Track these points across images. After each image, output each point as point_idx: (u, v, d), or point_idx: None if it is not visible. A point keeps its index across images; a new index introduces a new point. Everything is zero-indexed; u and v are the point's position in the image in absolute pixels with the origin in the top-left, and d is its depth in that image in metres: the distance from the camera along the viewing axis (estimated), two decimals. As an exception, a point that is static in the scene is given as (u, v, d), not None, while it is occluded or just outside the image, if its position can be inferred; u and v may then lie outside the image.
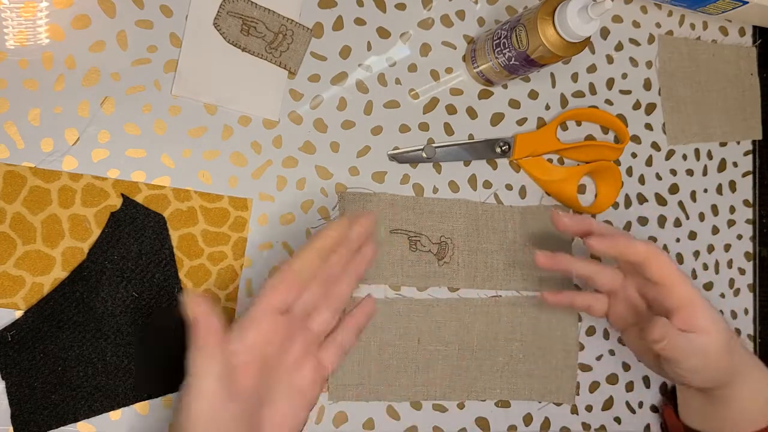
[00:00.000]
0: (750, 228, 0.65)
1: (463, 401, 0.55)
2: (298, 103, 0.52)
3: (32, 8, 0.47)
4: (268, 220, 0.51)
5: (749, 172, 0.66)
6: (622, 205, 0.61)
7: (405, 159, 0.54)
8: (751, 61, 0.67)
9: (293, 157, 0.52)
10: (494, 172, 0.57)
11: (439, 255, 0.54)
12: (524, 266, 0.57)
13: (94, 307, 0.46)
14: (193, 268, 0.49)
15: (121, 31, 0.49)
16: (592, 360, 0.58)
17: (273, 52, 0.51)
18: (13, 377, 0.45)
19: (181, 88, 0.49)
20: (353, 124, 0.54)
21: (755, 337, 0.64)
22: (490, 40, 0.52)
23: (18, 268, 0.46)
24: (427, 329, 0.54)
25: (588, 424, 0.58)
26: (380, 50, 0.55)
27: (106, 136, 0.48)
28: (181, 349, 0.39)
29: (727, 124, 0.65)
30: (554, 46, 0.47)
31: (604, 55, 0.61)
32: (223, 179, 0.50)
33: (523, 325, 0.56)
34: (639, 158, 0.62)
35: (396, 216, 0.54)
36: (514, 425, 0.56)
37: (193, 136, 0.50)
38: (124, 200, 0.48)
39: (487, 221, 0.56)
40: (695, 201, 0.63)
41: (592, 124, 0.60)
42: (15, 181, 0.46)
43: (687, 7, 0.63)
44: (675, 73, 0.63)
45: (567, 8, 0.45)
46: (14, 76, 0.46)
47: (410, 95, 0.55)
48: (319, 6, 0.53)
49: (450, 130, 0.56)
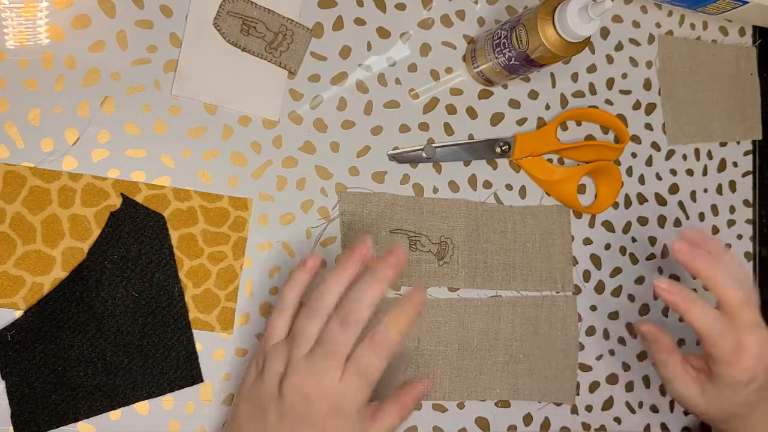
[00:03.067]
0: (750, 228, 0.65)
1: (463, 401, 0.55)
2: (298, 103, 0.52)
3: (32, 8, 0.47)
4: (268, 220, 0.51)
5: (749, 172, 0.66)
6: (622, 205, 0.61)
7: (405, 159, 0.54)
8: (751, 61, 0.67)
9: (293, 157, 0.52)
10: (494, 172, 0.57)
11: (439, 255, 0.54)
12: (524, 266, 0.57)
13: (94, 307, 0.46)
14: (193, 268, 0.49)
15: (121, 31, 0.49)
16: (592, 360, 0.58)
17: (273, 52, 0.51)
18: (13, 377, 0.45)
19: (181, 88, 0.49)
20: (353, 124, 0.54)
21: (755, 337, 0.64)
22: (490, 40, 0.52)
23: (18, 268, 0.46)
24: (426, 329, 0.54)
25: (588, 424, 0.58)
26: (380, 50, 0.55)
27: (106, 136, 0.48)
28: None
29: (727, 124, 0.65)
30: (554, 46, 0.47)
31: (604, 55, 0.61)
32: (223, 179, 0.50)
33: (523, 325, 0.56)
34: (639, 158, 0.62)
35: (396, 216, 0.54)
36: (514, 425, 0.56)
37: (193, 136, 0.50)
38: (124, 200, 0.48)
39: (487, 221, 0.56)
40: (695, 201, 0.63)
41: (592, 124, 0.60)
42: (15, 181, 0.46)
43: (687, 7, 0.63)
44: (675, 73, 0.63)
45: (567, 8, 0.45)
46: (14, 76, 0.46)
47: (410, 95, 0.55)
48: (319, 6, 0.53)
49: (450, 130, 0.56)
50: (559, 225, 0.58)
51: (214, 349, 0.49)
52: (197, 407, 0.48)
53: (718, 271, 0.46)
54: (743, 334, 0.45)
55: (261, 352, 0.43)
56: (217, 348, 0.49)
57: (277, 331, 0.43)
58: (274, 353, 0.42)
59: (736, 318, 0.45)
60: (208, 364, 0.49)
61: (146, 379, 0.47)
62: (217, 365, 0.49)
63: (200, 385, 0.49)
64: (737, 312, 0.45)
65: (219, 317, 0.49)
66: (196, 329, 0.49)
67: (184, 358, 0.48)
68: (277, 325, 0.43)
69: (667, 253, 0.62)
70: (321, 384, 0.39)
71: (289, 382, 0.40)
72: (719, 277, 0.45)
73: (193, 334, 0.48)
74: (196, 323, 0.49)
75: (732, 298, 0.45)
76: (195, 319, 0.49)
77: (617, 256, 0.60)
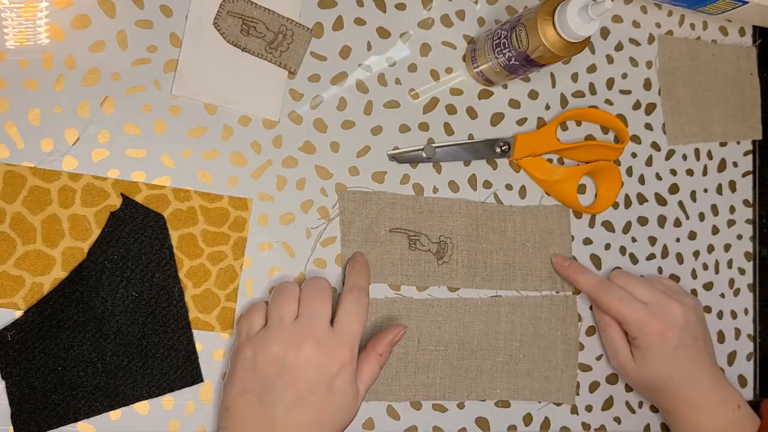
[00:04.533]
0: (750, 228, 0.65)
1: (463, 401, 0.55)
2: (298, 103, 0.52)
3: (32, 8, 0.47)
4: (268, 220, 0.51)
5: (749, 172, 0.66)
6: (622, 205, 0.61)
7: (405, 159, 0.54)
8: (751, 61, 0.67)
9: (293, 157, 0.52)
10: (494, 172, 0.57)
11: (439, 254, 0.54)
12: (524, 266, 0.57)
13: (94, 307, 0.46)
14: (193, 268, 0.49)
15: (121, 31, 0.49)
16: (592, 360, 0.58)
17: (273, 52, 0.51)
18: (13, 377, 0.45)
19: (181, 88, 0.49)
20: (353, 124, 0.54)
21: (755, 337, 0.64)
22: (490, 40, 0.52)
23: (18, 268, 0.46)
24: (426, 329, 0.54)
25: (588, 424, 0.58)
26: (380, 50, 0.55)
27: (106, 136, 0.48)
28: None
29: (727, 124, 0.65)
30: (554, 46, 0.47)
31: (604, 55, 0.61)
32: (223, 179, 0.50)
33: (523, 325, 0.56)
34: (639, 158, 0.62)
35: (396, 215, 0.54)
36: (514, 425, 0.56)
37: (193, 136, 0.50)
38: (124, 200, 0.48)
39: (486, 221, 0.56)
40: (695, 201, 0.63)
41: (592, 124, 0.60)
42: (15, 181, 0.46)
43: (687, 7, 0.63)
44: (675, 73, 0.63)
45: (567, 8, 0.45)
46: (14, 76, 0.46)
47: (410, 95, 0.55)
48: (319, 6, 0.53)
49: (450, 130, 0.56)
50: (558, 225, 0.58)
51: (214, 349, 0.49)
52: (197, 407, 0.48)
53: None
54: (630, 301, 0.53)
55: (247, 345, 0.45)
56: (217, 348, 0.49)
57: (256, 322, 0.46)
58: (263, 336, 0.45)
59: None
60: (208, 364, 0.49)
61: (146, 379, 0.47)
62: (217, 365, 0.49)
63: (200, 385, 0.49)
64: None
65: (219, 317, 0.49)
66: (196, 329, 0.49)
67: (184, 358, 0.48)
68: (255, 318, 0.46)
69: (667, 253, 0.62)
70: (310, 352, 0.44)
71: (290, 356, 0.43)
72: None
73: (193, 334, 0.48)
74: (196, 323, 0.49)
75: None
76: (195, 319, 0.49)
77: (617, 256, 0.60)
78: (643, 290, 0.53)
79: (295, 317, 0.45)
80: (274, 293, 0.47)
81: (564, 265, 0.56)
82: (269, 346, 0.44)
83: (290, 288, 0.46)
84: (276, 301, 0.46)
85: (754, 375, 0.64)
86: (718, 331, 0.63)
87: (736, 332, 0.64)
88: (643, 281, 0.54)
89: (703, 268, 0.63)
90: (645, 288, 0.53)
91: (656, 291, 0.53)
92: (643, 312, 0.52)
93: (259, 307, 0.47)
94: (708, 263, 0.63)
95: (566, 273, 0.56)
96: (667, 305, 0.52)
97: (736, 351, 0.63)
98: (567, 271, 0.56)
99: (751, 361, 0.64)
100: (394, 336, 0.48)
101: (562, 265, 0.56)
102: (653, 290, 0.53)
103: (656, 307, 0.52)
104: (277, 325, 0.44)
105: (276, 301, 0.46)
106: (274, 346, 0.43)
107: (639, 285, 0.54)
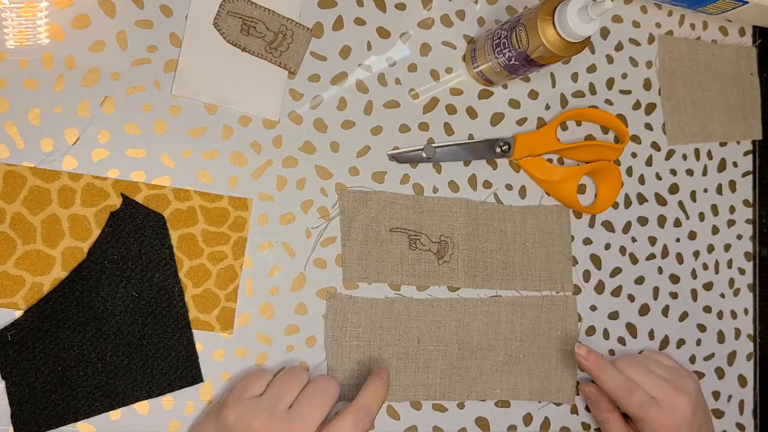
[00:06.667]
0: (750, 228, 0.65)
1: (462, 401, 0.55)
2: (298, 103, 0.52)
3: (32, 8, 0.47)
4: (268, 220, 0.51)
5: (749, 172, 0.66)
6: (622, 205, 0.61)
7: (405, 159, 0.54)
8: (751, 61, 0.67)
9: (293, 157, 0.52)
10: (494, 172, 0.57)
11: (439, 254, 0.54)
12: (524, 266, 0.57)
13: (94, 307, 0.46)
14: (193, 268, 0.49)
15: (121, 31, 0.49)
16: (592, 360, 0.58)
17: (273, 52, 0.51)
18: (13, 377, 0.45)
19: (181, 88, 0.49)
20: (353, 124, 0.54)
21: (755, 337, 0.64)
22: (490, 40, 0.52)
23: (18, 268, 0.46)
24: (426, 329, 0.54)
25: (588, 424, 0.58)
26: (380, 50, 0.55)
27: (106, 136, 0.48)
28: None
29: (727, 124, 0.65)
30: (554, 46, 0.47)
31: (604, 55, 0.61)
32: (223, 179, 0.50)
33: (523, 325, 0.56)
34: (639, 158, 0.62)
35: (396, 215, 0.54)
36: (514, 425, 0.56)
37: (193, 136, 0.50)
38: (124, 200, 0.48)
39: (486, 221, 0.56)
40: (695, 201, 0.63)
41: (592, 124, 0.60)
42: (15, 181, 0.46)
43: (687, 7, 0.63)
44: (675, 73, 0.63)
45: (567, 8, 0.45)
46: (14, 76, 0.46)
47: (410, 95, 0.55)
48: (319, 6, 0.53)
49: (450, 130, 0.56)
50: (558, 225, 0.58)
51: (214, 349, 0.49)
52: (197, 407, 0.48)
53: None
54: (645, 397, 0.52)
55: (234, 407, 0.45)
56: (217, 348, 0.49)
57: (255, 389, 0.46)
58: (253, 407, 0.44)
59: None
60: (208, 364, 0.49)
61: (146, 379, 0.47)
62: (217, 365, 0.49)
63: (200, 385, 0.49)
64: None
65: (219, 317, 0.49)
66: (196, 329, 0.49)
67: (184, 358, 0.48)
68: (256, 383, 0.46)
69: (667, 253, 0.62)
70: None
71: None
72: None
73: (193, 334, 0.48)
74: (196, 323, 0.49)
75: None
76: (195, 319, 0.49)
77: (617, 256, 0.60)
78: (652, 386, 0.53)
79: (289, 406, 0.45)
80: (285, 372, 0.47)
81: (587, 359, 0.53)
82: (252, 420, 0.43)
83: (300, 375, 0.47)
84: (282, 380, 0.46)
85: (754, 375, 0.64)
86: (718, 331, 0.63)
87: (736, 332, 0.64)
88: (648, 372, 0.54)
89: (703, 268, 0.63)
90: (654, 383, 0.53)
91: (663, 383, 0.53)
92: (658, 413, 0.52)
93: (264, 375, 0.47)
94: (708, 263, 0.63)
95: (588, 367, 0.53)
96: (675, 400, 0.52)
97: (736, 351, 0.63)
98: (589, 364, 0.53)
99: (751, 361, 0.64)
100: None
101: (585, 357, 0.53)
102: (660, 383, 0.53)
103: (667, 402, 0.52)
104: (270, 404, 0.44)
105: (282, 379, 0.46)
106: (255, 423, 0.43)
107: (647, 379, 0.53)
